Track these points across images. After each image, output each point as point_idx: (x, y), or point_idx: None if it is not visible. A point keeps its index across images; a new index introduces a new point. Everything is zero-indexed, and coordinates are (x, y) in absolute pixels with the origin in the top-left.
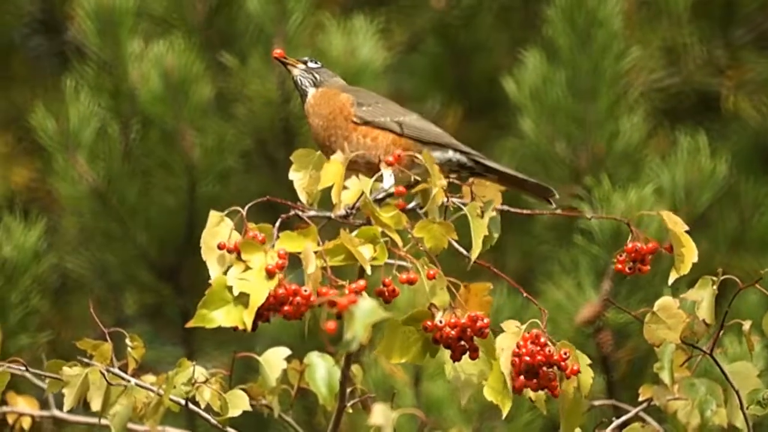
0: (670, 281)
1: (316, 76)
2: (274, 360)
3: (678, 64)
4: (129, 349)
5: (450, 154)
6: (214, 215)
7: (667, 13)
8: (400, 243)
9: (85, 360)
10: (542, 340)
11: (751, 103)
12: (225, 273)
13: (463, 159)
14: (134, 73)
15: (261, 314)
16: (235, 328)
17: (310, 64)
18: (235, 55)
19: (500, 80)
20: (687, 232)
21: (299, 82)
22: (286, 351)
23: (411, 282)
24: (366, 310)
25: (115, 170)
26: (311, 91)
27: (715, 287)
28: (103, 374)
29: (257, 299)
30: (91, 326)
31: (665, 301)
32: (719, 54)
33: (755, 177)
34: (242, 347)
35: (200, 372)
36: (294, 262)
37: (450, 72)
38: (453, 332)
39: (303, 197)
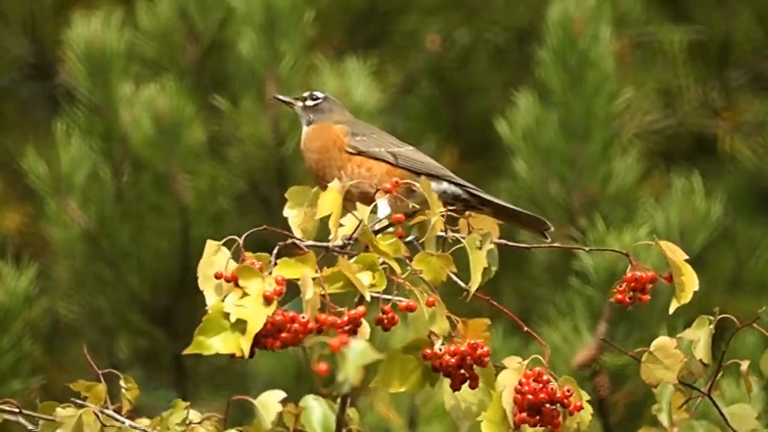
0: (671, 310)
1: (311, 115)
2: (270, 403)
3: (673, 106)
4: (123, 390)
5: (445, 185)
6: (210, 244)
7: (662, 55)
8: (398, 270)
9: (79, 401)
10: (545, 377)
11: (746, 144)
12: (222, 300)
13: (458, 191)
14: (126, 116)
15: (258, 341)
16: (233, 356)
17: (309, 102)
18: (228, 97)
19: (494, 122)
20: (686, 260)
21: (300, 117)
22: (281, 394)
23: (410, 309)
24: (358, 351)
25: (107, 214)
26: (305, 129)
27: (712, 327)
28: (97, 416)
29: (255, 326)
30: (85, 371)
31: (662, 340)
32: (715, 96)
33: (751, 218)
34: (237, 390)
35: (195, 414)
36: (292, 290)
37: (444, 113)
38: (453, 360)
39: (298, 234)
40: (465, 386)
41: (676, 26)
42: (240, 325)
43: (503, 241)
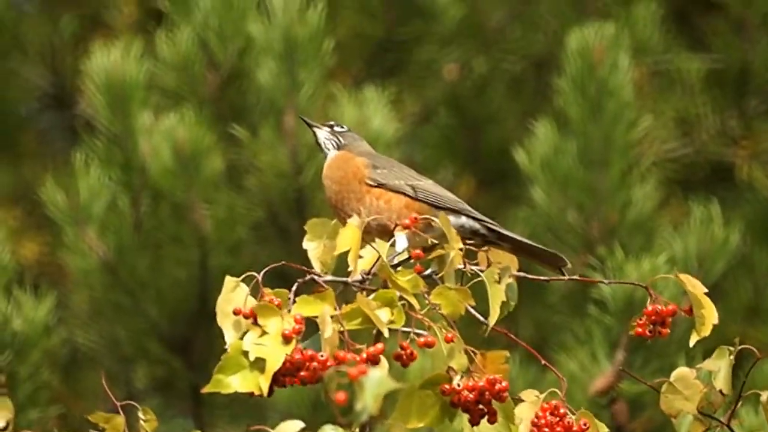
0: (691, 343)
1: (341, 139)
2: None
3: (691, 134)
4: (142, 422)
5: (463, 219)
6: (229, 281)
7: (680, 83)
8: (417, 306)
9: None
10: (561, 410)
11: (764, 172)
12: (241, 338)
13: (476, 225)
14: (145, 146)
15: (277, 379)
16: (251, 394)
17: (336, 128)
18: (246, 127)
19: (512, 150)
20: (706, 293)
21: (323, 144)
22: (299, 424)
23: (429, 345)
24: (376, 380)
25: (126, 243)
26: (330, 154)
27: (732, 357)
28: None
29: (274, 364)
30: (102, 400)
31: (682, 371)
32: (733, 124)
33: None
34: (254, 420)
35: None
36: (310, 326)
37: (462, 142)
38: (471, 395)
39: (317, 267)
40: (484, 421)
41: (694, 54)
42: (259, 364)
43: (522, 274)
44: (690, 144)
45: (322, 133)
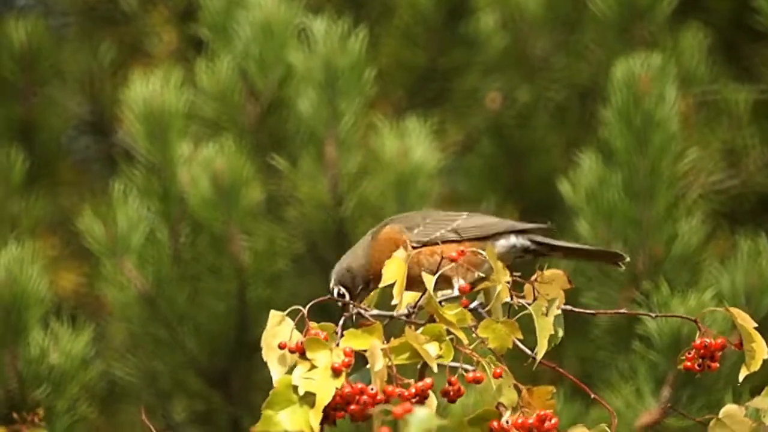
0: (741, 378)
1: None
2: None
3: (738, 166)
4: None
5: (512, 240)
6: (274, 315)
7: (727, 114)
8: (465, 341)
9: None
10: None
11: None
12: (288, 372)
13: (526, 243)
14: (183, 176)
15: (327, 414)
16: None
17: (345, 296)
18: (286, 157)
19: (556, 182)
20: (756, 328)
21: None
22: None
23: (477, 381)
24: (422, 418)
25: (164, 275)
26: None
27: None
28: None
29: (323, 399)
30: None
31: (730, 408)
32: None
33: None
34: None
35: None
36: (355, 360)
37: (505, 173)
38: None
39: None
40: None
41: (741, 85)
42: (308, 399)
43: (569, 307)
44: (737, 176)
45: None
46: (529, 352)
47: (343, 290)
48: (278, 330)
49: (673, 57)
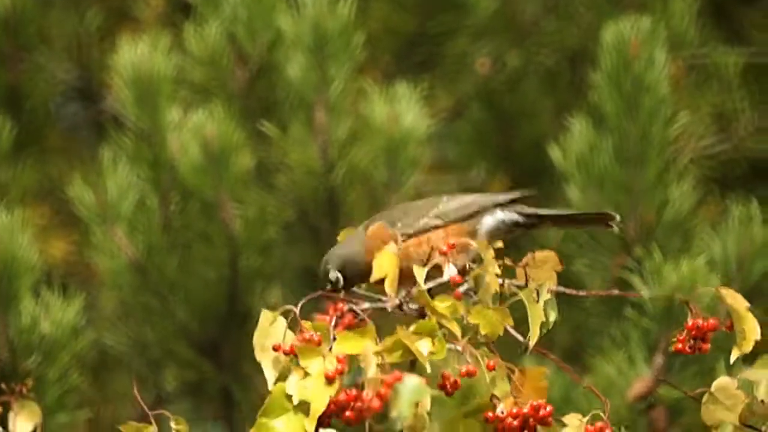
0: (732, 359)
1: (340, 277)
2: None
3: (728, 131)
4: (174, 431)
5: (499, 215)
6: (266, 314)
7: (717, 78)
8: (458, 334)
9: None
10: None
11: None
12: (282, 378)
13: (514, 216)
14: (173, 142)
15: (322, 421)
16: None
17: (340, 283)
18: (276, 123)
19: (546, 147)
20: (748, 308)
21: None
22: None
23: (471, 374)
24: (411, 387)
25: (155, 243)
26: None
27: None
28: None
29: (318, 407)
30: (131, 404)
31: (723, 381)
32: None
33: None
34: None
35: None
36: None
37: (495, 139)
38: (515, 422)
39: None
40: None
41: (731, 48)
42: (303, 406)
43: (560, 289)
44: (727, 140)
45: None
46: (521, 338)
47: (340, 277)
48: (271, 330)
49: (662, 20)
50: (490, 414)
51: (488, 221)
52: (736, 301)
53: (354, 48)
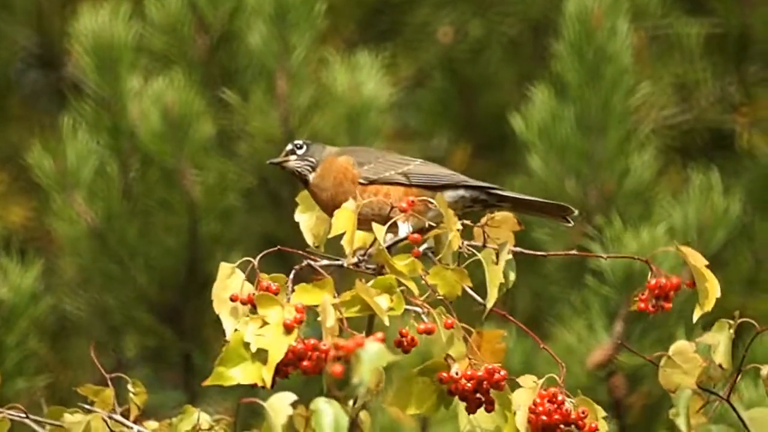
0: (695, 318)
1: (311, 158)
2: (280, 406)
3: (690, 101)
4: (131, 395)
5: (461, 192)
6: (224, 267)
7: (679, 49)
8: (416, 291)
9: (87, 406)
10: (560, 398)
11: (765, 140)
12: (240, 327)
13: (475, 193)
14: (134, 110)
15: (279, 370)
16: (254, 385)
17: (299, 151)
18: (237, 91)
19: (508, 116)
20: (707, 266)
21: (300, 172)
22: (292, 396)
23: (429, 332)
24: (373, 353)
25: (114, 209)
26: (312, 175)
27: (732, 331)
28: (105, 421)
29: (276, 355)
30: (91, 370)
31: (681, 345)
32: (732, 90)
33: None
34: (247, 392)
35: (204, 419)
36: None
37: (457, 108)
38: (469, 384)
39: (309, 239)
40: (481, 409)
41: (693, 19)
42: (261, 355)
43: (519, 249)
44: (689, 110)
45: (293, 163)
46: (479, 299)
47: (302, 144)
48: (229, 282)
49: None
50: (445, 374)
51: (449, 194)
52: (696, 259)
53: (315, 16)
